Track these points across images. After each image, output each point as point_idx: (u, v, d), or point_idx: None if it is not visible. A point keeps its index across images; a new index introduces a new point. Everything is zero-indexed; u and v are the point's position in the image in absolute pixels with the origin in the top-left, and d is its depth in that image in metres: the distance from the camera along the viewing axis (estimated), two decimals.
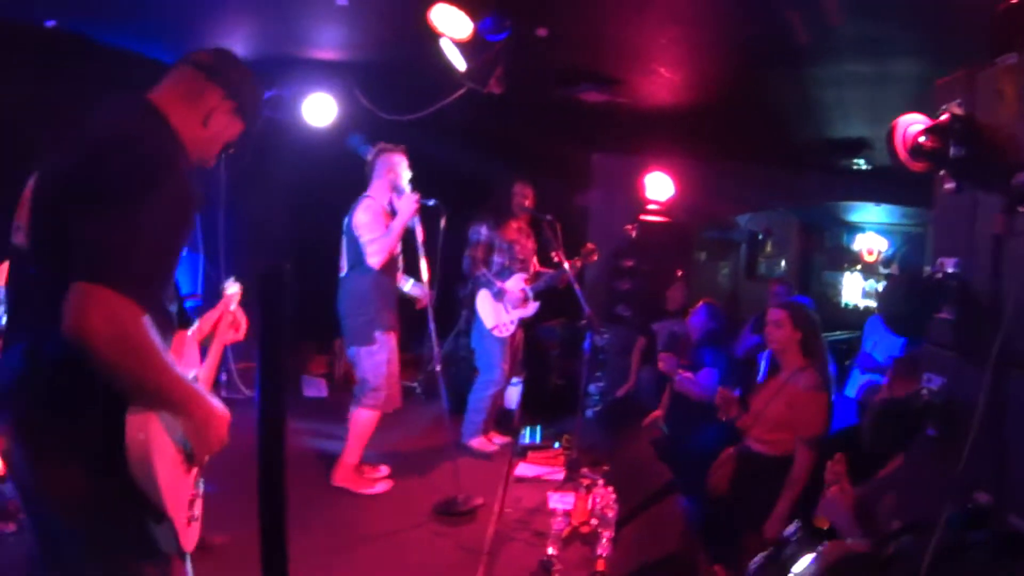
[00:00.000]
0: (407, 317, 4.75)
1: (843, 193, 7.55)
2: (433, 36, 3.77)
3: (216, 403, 1.70)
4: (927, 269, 1.78)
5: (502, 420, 5.86)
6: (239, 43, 4.84)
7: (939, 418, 1.68)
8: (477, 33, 3.44)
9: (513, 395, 6.02)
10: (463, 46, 3.71)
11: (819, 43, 3.78)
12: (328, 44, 5.06)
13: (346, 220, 4.57)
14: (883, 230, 9.10)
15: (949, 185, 1.79)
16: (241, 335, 2.52)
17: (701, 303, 5.55)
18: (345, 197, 4.64)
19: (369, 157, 4.64)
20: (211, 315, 2.51)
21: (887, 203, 7.52)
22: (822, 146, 6.06)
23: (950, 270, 1.69)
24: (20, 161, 1.81)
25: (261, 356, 1.41)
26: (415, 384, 6.96)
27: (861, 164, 6.20)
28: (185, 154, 1.72)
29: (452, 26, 3.45)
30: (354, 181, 4.68)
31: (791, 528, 2.11)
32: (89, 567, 1.66)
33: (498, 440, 5.58)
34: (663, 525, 3.58)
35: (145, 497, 1.59)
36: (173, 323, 1.78)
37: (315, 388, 6.78)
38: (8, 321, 1.73)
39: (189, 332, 1.99)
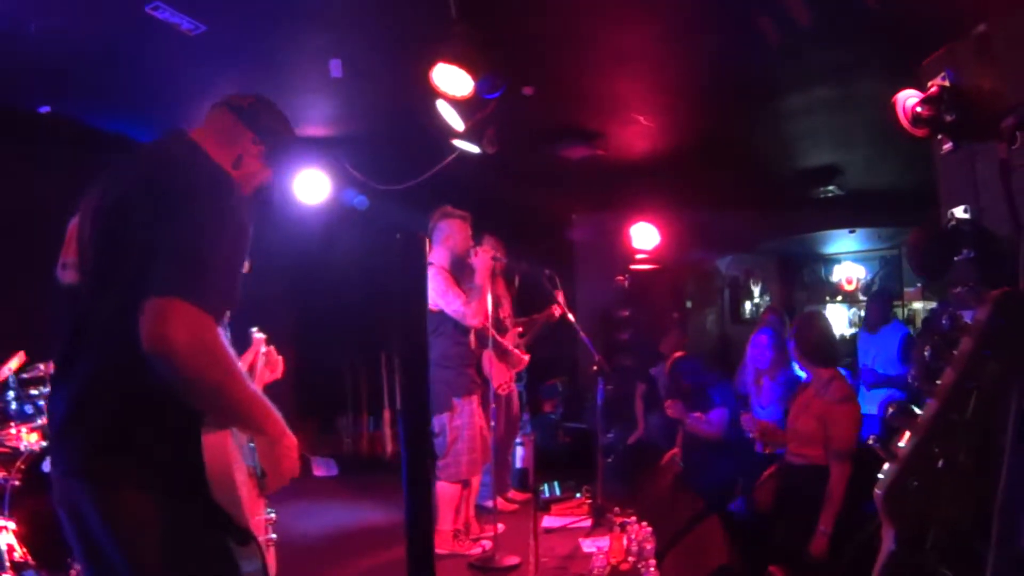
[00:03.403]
0: None
1: (819, 223, 7.83)
2: (425, 102, 3.88)
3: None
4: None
5: (517, 478, 5.82)
6: None
7: None
8: (475, 92, 3.54)
9: (520, 453, 6.00)
10: (460, 106, 3.85)
11: (787, 73, 4.07)
12: (318, 120, 5.26)
13: None
14: (858, 258, 9.38)
15: (947, 146, 2.01)
16: (279, 374, 2.51)
17: (674, 358, 5.66)
18: (344, 274, 4.63)
19: (431, 222, 4.63)
20: (245, 357, 2.49)
21: (862, 227, 7.80)
22: (795, 178, 6.35)
23: (961, 215, 1.88)
24: None
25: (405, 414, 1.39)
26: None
27: (834, 191, 6.47)
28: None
29: (452, 85, 3.54)
30: (351, 260, 4.69)
31: None
32: None
33: (517, 497, 5.55)
34: (705, 546, 3.60)
35: (228, 518, 1.52)
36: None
37: (325, 467, 6.70)
38: (60, 363, 1.69)
39: None
